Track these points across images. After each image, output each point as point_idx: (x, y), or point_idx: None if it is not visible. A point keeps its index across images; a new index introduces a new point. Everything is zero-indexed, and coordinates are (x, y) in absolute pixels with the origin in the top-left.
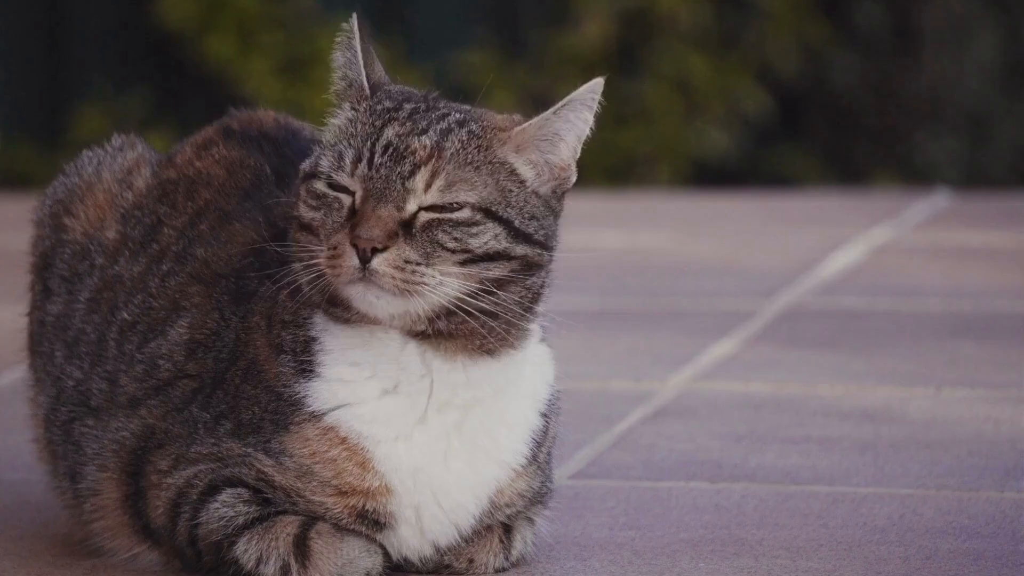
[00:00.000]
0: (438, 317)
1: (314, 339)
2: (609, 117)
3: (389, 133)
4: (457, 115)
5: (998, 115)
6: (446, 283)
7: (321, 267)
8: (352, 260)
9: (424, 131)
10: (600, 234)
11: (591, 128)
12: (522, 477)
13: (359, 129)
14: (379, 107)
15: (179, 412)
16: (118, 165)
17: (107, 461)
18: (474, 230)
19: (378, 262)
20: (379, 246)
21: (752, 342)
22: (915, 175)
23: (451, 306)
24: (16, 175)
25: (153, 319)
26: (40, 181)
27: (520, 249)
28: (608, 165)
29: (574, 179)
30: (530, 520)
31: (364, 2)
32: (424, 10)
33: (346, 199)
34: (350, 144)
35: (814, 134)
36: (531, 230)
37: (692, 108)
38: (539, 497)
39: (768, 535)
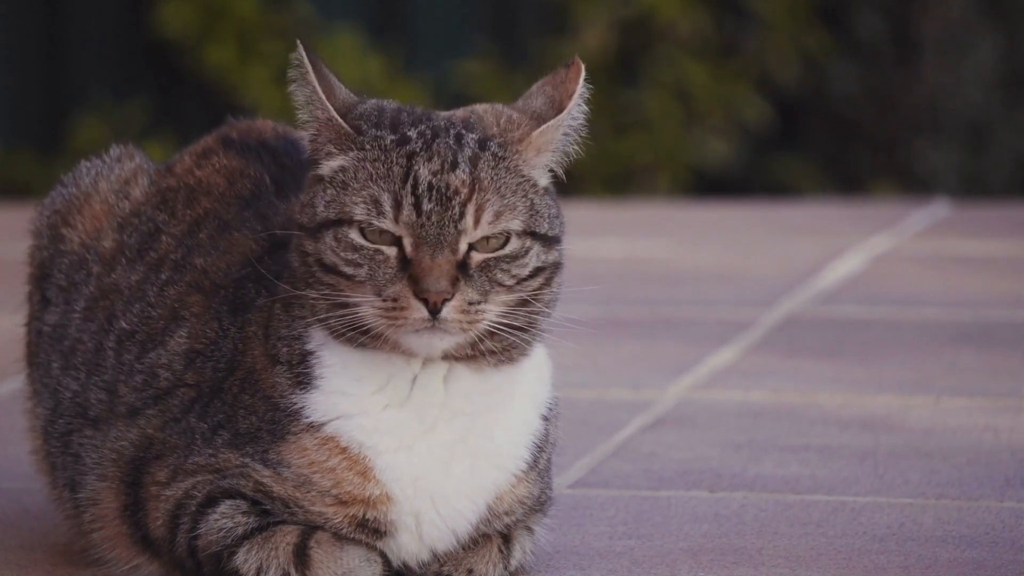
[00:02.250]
0: (481, 340)
1: (311, 352)
2: (608, 126)
3: (423, 172)
4: (470, 135)
5: (997, 124)
6: (495, 309)
7: (367, 316)
8: (420, 312)
9: (455, 163)
10: (599, 243)
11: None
12: (522, 483)
13: (378, 170)
14: (385, 141)
15: (177, 422)
16: (115, 176)
17: (106, 471)
18: (523, 260)
19: (447, 311)
20: (449, 297)
21: (751, 351)
22: (914, 184)
23: (494, 328)
24: (15, 184)
25: (152, 328)
26: (39, 190)
27: (552, 256)
28: (607, 174)
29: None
30: (529, 529)
31: (362, 12)
32: (423, 20)
33: (389, 250)
34: (382, 188)
35: (813, 143)
36: (556, 231)
37: (691, 117)
38: (538, 505)
39: (767, 544)
